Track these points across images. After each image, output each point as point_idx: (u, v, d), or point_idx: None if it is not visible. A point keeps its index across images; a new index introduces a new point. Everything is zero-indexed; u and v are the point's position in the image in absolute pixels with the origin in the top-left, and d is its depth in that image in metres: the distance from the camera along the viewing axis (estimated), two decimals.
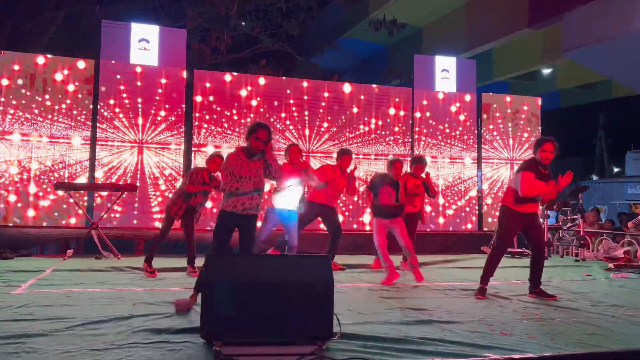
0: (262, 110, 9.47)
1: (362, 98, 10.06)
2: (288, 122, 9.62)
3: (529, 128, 10.96)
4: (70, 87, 8.72)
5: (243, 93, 9.45)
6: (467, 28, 15.24)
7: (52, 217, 8.53)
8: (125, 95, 8.88)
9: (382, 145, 10.09)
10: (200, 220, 6.81)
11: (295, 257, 4.24)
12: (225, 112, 9.33)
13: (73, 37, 12.84)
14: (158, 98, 9.02)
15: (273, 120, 9.49)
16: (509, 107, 10.95)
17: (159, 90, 9.03)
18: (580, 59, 12.38)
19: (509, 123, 10.86)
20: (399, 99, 10.30)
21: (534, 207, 5.44)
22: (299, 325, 3.37)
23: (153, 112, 8.98)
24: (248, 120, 9.29)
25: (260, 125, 4.58)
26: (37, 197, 8.50)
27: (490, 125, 10.78)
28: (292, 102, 9.67)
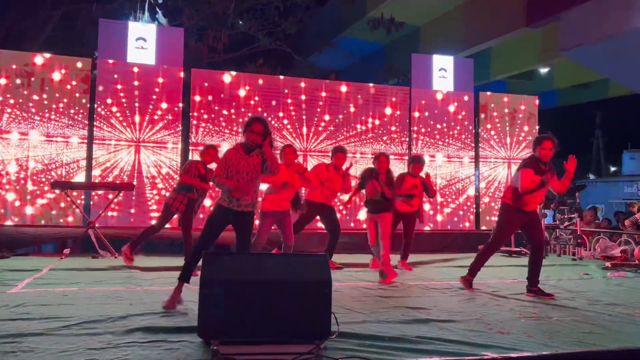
0: (260, 110, 9.45)
1: (359, 97, 10.06)
2: (286, 121, 9.62)
3: (527, 127, 10.98)
4: (68, 86, 8.70)
5: (241, 92, 9.44)
6: (464, 27, 15.24)
7: (49, 216, 8.51)
8: (123, 95, 8.86)
9: (379, 145, 10.08)
10: (198, 216, 6.74)
11: (293, 256, 4.23)
12: (223, 111, 9.31)
13: (70, 35, 12.81)
14: (155, 97, 8.99)
15: (271, 119, 9.47)
16: (507, 106, 10.95)
17: (156, 90, 9.01)
18: (578, 59, 12.42)
19: (507, 122, 10.88)
20: (397, 98, 10.30)
21: (533, 205, 5.46)
22: (297, 325, 3.36)
23: (150, 110, 8.96)
24: (246, 120, 9.26)
25: (255, 119, 4.55)
26: (34, 196, 8.47)
27: (488, 125, 10.79)
28: (289, 101, 9.67)
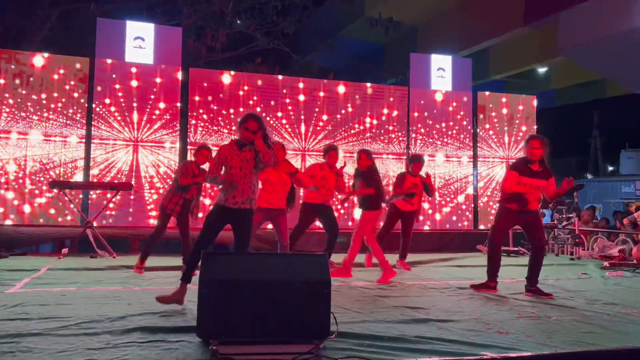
0: (259, 110, 9.45)
1: (356, 97, 10.06)
2: (284, 121, 9.61)
3: (525, 127, 10.99)
4: (66, 86, 8.69)
5: (239, 91, 9.43)
6: (462, 27, 15.24)
7: (47, 215, 8.49)
8: (121, 94, 8.85)
9: (378, 144, 10.09)
10: (197, 216, 6.72)
11: (293, 256, 4.22)
12: (222, 111, 9.31)
13: (68, 35, 12.78)
14: (153, 97, 8.98)
15: (270, 119, 9.47)
16: (505, 106, 10.96)
17: (154, 89, 9.00)
18: (576, 58, 12.43)
19: (505, 122, 10.89)
20: (395, 98, 10.30)
21: (531, 205, 5.44)
22: (296, 324, 3.36)
23: (148, 110, 8.95)
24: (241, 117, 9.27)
25: (250, 116, 4.53)
26: (32, 195, 8.46)
27: (487, 125, 10.80)
28: (288, 101, 9.66)
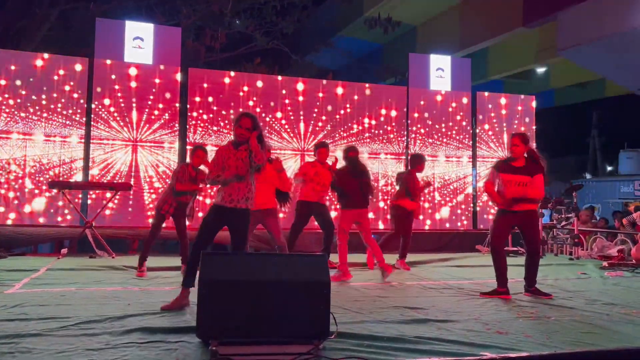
0: (258, 110, 9.46)
1: (355, 97, 10.05)
2: (284, 121, 9.61)
3: (523, 128, 10.99)
4: (66, 86, 8.67)
5: (239, 92, 9.43)
6: (461, 27, 15.26)
7: (46, 215, 8.48)
8: (120, 95, 8.84)
9: (376, 144, 10.10)
10: (194, 217, 6.71)
11: (292, 256, 4.22)
12: (222, 111, 9.30)
13: (67, 34, 12.77)
14: (152, 97, 8.98)
15: (269, 120, 9.48)
16: (504, 106, 10.97)
17: (153, 90, 8.99)
18: (575, 58, 12.44)
19: (504, 122, 10.90)
20: (394, 98, 10.30)
21: (524, 205, 5.38)
22: (296, 325, 3.36)
23: (147, 110, 8.94)
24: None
25: (244, 114, 4.55)
26: (31, 195, 8.45)
27: (486, 125, 10.80)
28: (287, 101, 9.66)
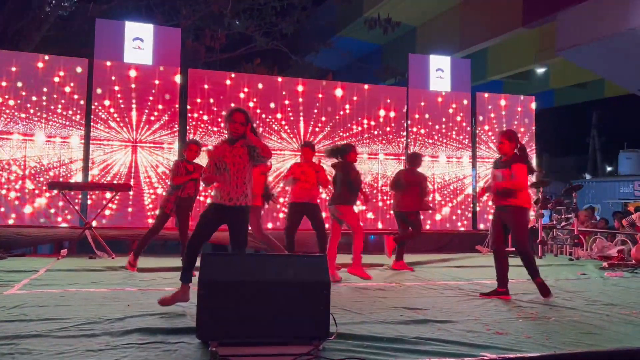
0: (259, 112, 9.46)
1: (354, 98, 10.05)
2: (284, 122, 9.61)
3: (523, 128, 11.00)
4: (66, 88, 8.67)
5: (239, 93, 9.43)
6: (461, 27, 15.27)
7: (45, 216, 8.48)
8: (120, 95, 8.84)
9: (376, 144, 10.10)
10: (195, 212, 6.67)
11: (292, 256, 4.22)
12: (222, 112, 9.29)
13: (67, 35, 12.76)
14: (152, 98, 8.97)
15: (269, 121, 9.49)
16: (504, 107, 10.98)
17: (153, 91, 8.99)
18: (574, 59, 12.44)
19: (504, 123, 10.90)
20: (394, 98, 10.30)
21: (508, 200, 5.23)
22: (296, 325, 3.36)
23: (147, 111, 8.94)
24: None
25: (236, 109, 4.57)
26: (31, 196, 8.45)
27: (486, 126, 10.81)
28: (287, 102, 9.66)
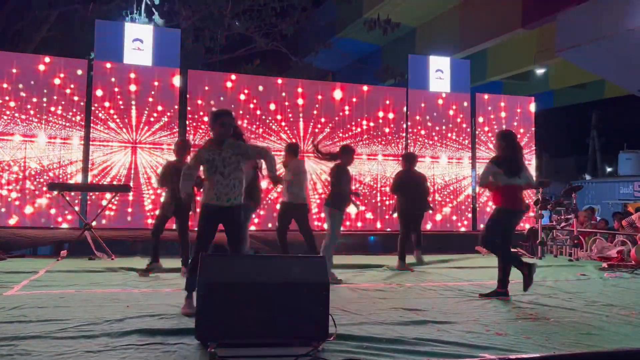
0: (259, 113, 9.46)
1: (354, 100, 10.05)
2: (283, 123, 9.61)
3: (522, 129, 11.00)
4: (67, 89, 8.66)
5: (238, 92, 9.43)
6: (461, 28, 15.26)
7: (45, 217, 8.47)
8: (120, 97, 8.83)
9: (375, 145, 10.10)
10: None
11: (291, 257, 4.22)
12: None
13: (66, 36, 12.76)
14: (152, 99, 8.97)
15: (269, 122, 9.49)
16: (503, 108, 10.98)
17: (152, 92, 8.98)
18: (574, 59, 12.43)
19: (503, 124, 10.90)
20: (393, 99, 10.30)
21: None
22: (295, 326, 3.36)
23: (147, 112, 8.94)
24: (245, 122, 9.32)
25: (225, 112, 4.64)
26: (30, 197, 8.44)
27: (486, 127, 10.81)
28: (287, 103, 9.66)
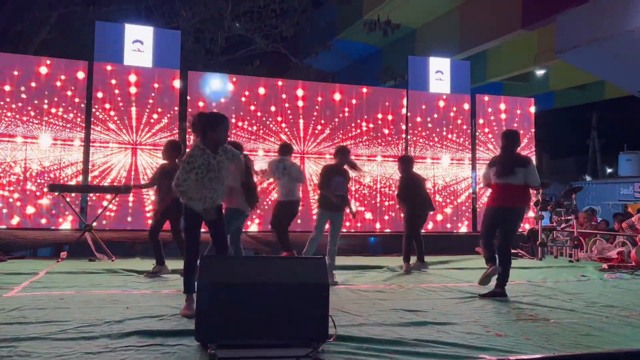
0: (259, 115, 9.46)
1: (353, 101, 10.05)
2: (284, 124, 9.61)
3: (522, 130, 10.99)
4: (68, 91, 8.66)
5: (239, 95, 9.44)
6: (461, 29, 15.28)
7: (45, 218, 8.48)
8: (120, 98, 8.83)
9: (375, 147, 10.10)
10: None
11: (291, 259, 4.22)
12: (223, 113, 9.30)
13: (67, 37, 12.78)
14: (152, 100, 8.97)
15: (269, 123, 9.49)
16: (503, 109, 10.98)
17: (152, 94, 8.99)
18: (574, 60, 12.44)
19: (503, 125, 10.89)
20: (393, 100, 10.30)
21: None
22: (295, 328, 3.36)
23: (147, 113, 8.94)
24: (245, 123, 9.32)
25: (225, 116, 4.64)
26: (31, 198, 8.44)
27: (486, 129, 10.80)
28: (287, 105, 9.66)
